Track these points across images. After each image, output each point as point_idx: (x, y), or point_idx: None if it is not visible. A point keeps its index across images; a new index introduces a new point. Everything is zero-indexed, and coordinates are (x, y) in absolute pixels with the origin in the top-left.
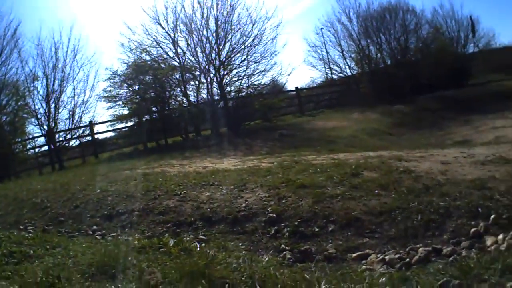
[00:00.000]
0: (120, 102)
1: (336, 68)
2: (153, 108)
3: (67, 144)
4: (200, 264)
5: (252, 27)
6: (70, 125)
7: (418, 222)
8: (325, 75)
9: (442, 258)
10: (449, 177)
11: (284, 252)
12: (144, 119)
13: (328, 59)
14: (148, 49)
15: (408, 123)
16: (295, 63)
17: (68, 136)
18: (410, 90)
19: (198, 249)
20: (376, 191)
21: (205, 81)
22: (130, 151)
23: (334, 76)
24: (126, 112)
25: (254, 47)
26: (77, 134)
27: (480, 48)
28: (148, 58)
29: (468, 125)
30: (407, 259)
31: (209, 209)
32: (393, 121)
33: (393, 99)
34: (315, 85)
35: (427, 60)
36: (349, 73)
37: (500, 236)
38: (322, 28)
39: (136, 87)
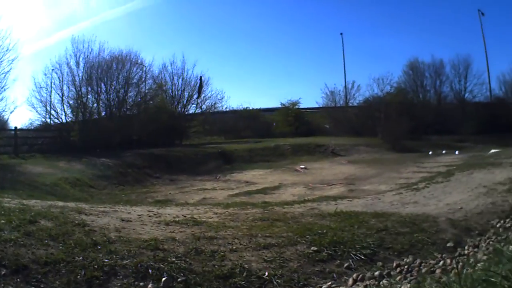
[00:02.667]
0: None
1: (54, 113)
2: None
3: None
4: None
5: None
6: None
7: (82, 277)
8: (44, 119)
9: None
10: (122, 234)
11: None
12: None
13: (51, 102)
14: None
15: (112, 177)
16: (20, 101)
17: None
18: (119, 144)
19: None
20: (46, 240)
21: None
22: None
23: (52, 122)
24: None
25: None
26: None
27: (203, 110)
28: None
29: (174, 184)
30: None
31: None
32: (97, 174)
33: (101, 152)
34: (32, 128)
35: (142, 116)
36: (65, 120)
37: None
38: (53, 70)
39: None
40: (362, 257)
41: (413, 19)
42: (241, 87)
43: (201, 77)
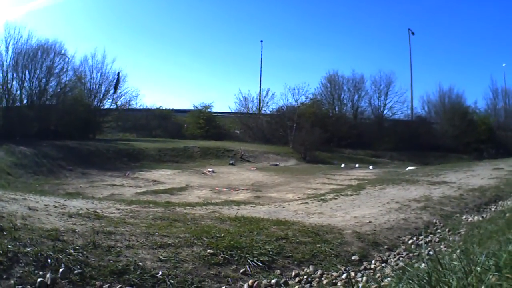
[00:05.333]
0: None
1: None
2: None
3: None
4: None
5: None
6: None
7: None
8: None
9: None
10: (28, 223)
11: None
12: None
13: None
14: None
15: (28, 166)
16: None
17: None
18: (38, 134)
19: None
20: None
21: None
22: None
23: None
24: None
25: None
26: None
27: (118, 106)
28: None
29: (85, 178)
30: None
31: None
32: (15, 162)
33: (20, 140)
34: None
35: (60, 106)
36: None
37: None
38: None
39: None
40: (260, 263)
41: (338, 34)
42: (157, 86)
43: (118, 73)
